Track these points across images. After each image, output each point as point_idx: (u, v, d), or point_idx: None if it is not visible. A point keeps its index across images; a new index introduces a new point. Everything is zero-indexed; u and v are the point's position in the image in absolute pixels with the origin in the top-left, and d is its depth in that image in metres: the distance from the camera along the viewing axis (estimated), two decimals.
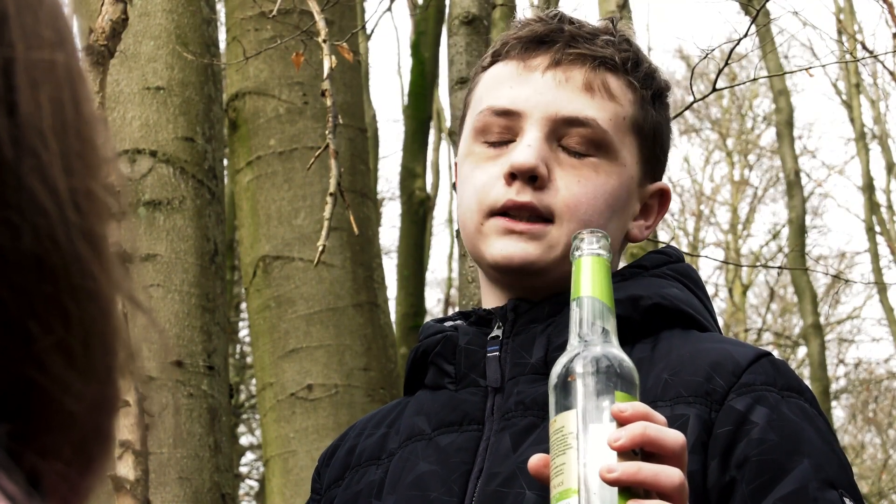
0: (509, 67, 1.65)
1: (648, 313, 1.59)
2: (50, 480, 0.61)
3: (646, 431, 1.26)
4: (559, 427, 1.30)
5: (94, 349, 0.62)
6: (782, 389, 1.51)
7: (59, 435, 0.61)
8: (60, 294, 0.60)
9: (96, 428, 0.63)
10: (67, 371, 0.60)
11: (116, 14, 2.37)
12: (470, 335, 1.63)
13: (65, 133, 0.61)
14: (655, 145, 1.68)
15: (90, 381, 0.61)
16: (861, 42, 9.54)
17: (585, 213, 1.59)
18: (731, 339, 1.61)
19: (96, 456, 0.63)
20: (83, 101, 0.63)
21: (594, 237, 1.37)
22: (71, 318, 0.60)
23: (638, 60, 1.67)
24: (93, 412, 0.62)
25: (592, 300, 1.35)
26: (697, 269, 12.45)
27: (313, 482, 1.75)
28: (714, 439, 1.48)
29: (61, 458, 0.61)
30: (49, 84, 0.61)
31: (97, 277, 0.61)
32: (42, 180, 0.59)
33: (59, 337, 0.60)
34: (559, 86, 1.62)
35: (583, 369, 1.31)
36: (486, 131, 1.64)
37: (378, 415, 1.74)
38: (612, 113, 1.62)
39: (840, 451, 1.52)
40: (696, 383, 1.51)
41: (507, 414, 1.57)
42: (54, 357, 0.60)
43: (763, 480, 1.45)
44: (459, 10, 3.68)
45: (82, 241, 0.61)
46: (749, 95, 18.87)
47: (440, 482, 1.56)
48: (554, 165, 1.60)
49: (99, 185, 0.62)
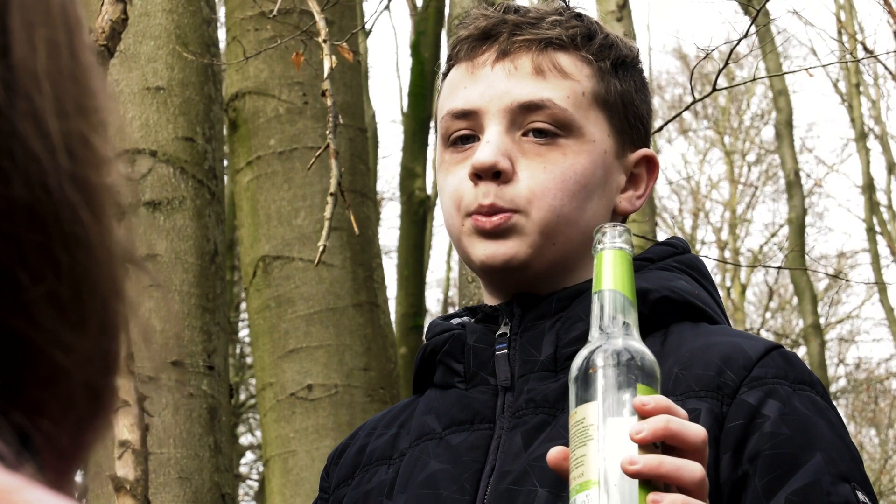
0: (461, 69, 1.65)
1: (657, 307, 1.58)
2: (40, 439, 0.59)
3: (668, 425, 1.25)
4: (580, 419, 1.29)
5: (87, 301, 0.60)
6: (794, 382, 1.51)
7: (46, 390, 0.59)
8: (52, 243, 0.58)
9: (87, 384, 0.60)
10: (58, 323, 0.58)
11: (116, 14, 2.37)
12: (478, 333, 1.63)
13: (60, 77, 0.59)
14: (628, 113, 1.65)
15: (82, 335, 0.59)
16: (861, 42, 9.54)
17: (555, 198, 1.58)
18: (741, 332, 1.60)
19: (87, 415, 0.61)
20: (79, 46, 0.61)
21: (616, 231, 1.37)
22: (62, 268, 0.58)
23: (590, 34, 1.65)
24: (84, 367, 0.60)
25: (614, 293, 1.35)
26: None
27: (321, 481, 1.75)
28: (726, 433, 1.47)
29: (49, 415, 0.59)
30: (44, 26, 0.59)
31: (89, 226, 0.59)
32: (35, 125, 0.57)
33: (50, 287, 0.58)
34: (509, 75, 1.60)
35: (604, 362, 1.31)
36: (450, 136, 1.63)
37: (389, 414, 1.74)
38: (568, 90, 1.60)
39: (852, 444, 1.51)
40: (707, 377, 1.50)
41: (518, 412, 1.56)
42: (44, 308, 0.58)
43: (776, 474, 1.44)
44: (459, 10, 3.68)
45: (75, 188, 0.58)
46: (748, 95, 18.87)
47: (452, 481, 1.55)
48: (518, 156, 1.59)
49: (94, 132, 0.60)
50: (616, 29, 8.19)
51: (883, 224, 15.51)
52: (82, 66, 0.61)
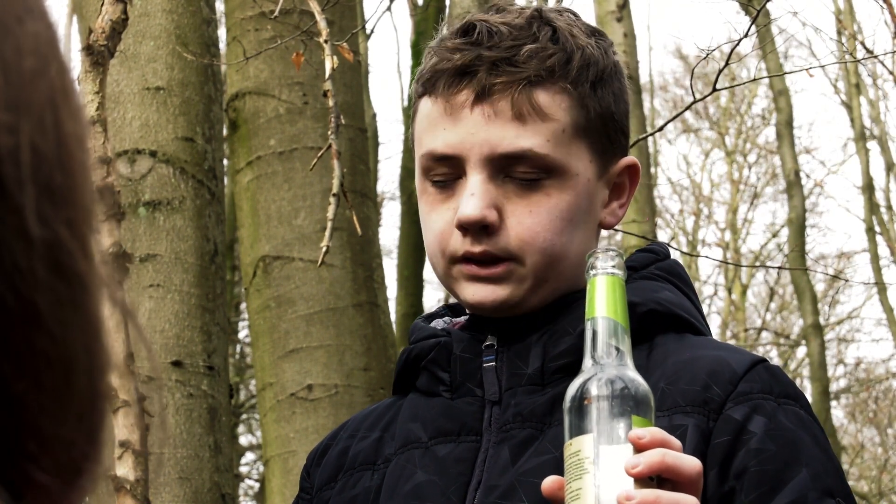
0: (438, 106, 1.61)
1: (643, 320, 1.58)
2: (33, 493, 0.59)
3: (664, 459, 1.26)
4: (575, 451, 1.29)
5: (70, 393, 0.60)
6: (779, 397, 1.52)
7: (39, 448, 0.60)
8: (36, 337, 0.58)
9: (70, 464, 0.61)
10: (41, 412, 0.59)
11: (116, 14, 2.37)
12: (464, 342, 1.62)
13: (43, 170, 0.58)
14: (608, 131, 1.63)
15: (64, 422, 0.60)
16: (861, 42, 9.54)
17: (544, 240, 1.57)
18: (725, 345, 1.61)
19: (70, 481, 0.62)
20: (65, 128, 0.60)
21: (608, 256, 1.37)
22: (50, 360, 0.59)
23: (567, 58, 1.61)
24: (66, 450, 0.61)
25: (607, 320, 1.35)
26: (697, 268, 12.45)
27: (302, 480, 1.74)
28: (712, 449, 1.48)
29: (44, 469, 0.60)
30: (28, 118, 0.58)
31: (74, 321, 0.60)
32: (17, 227, 0.57)
33: (34, 378, 0.58)
34: (489, 121, 1.58)
35: (598, 392, 1.30)
36: (431, 173, 1.62)
37: (371, 416, 1.73)
38: (548, 133, 1.58)
39: (835, 458, 1.52)
40: (692, 392, 1.51)
41: (506, 426, 1.56)
42: (29, 397, 0.58)
43: (762, 491, 1.45)
44: (459, 11, 3.68)
45: (57, 278, 0.59)
46: (750, 95, 18.86)
47: (439, 493, 1.55)
48: (503, 202, 1.58)
49: (78, 217, 0.60)
50: (616, 29, 8.18)
51: (882, 224, 15.51)
52: (67, 150, 0.60)
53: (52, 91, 0.60)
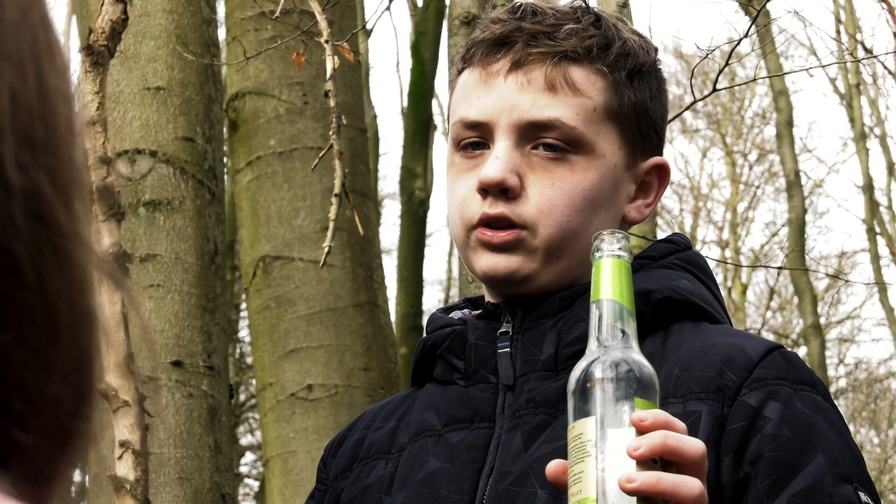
0: (475, 74, 1.63)
1: (659, 307, 1.58)
2: (18, 458, 0.59)
3: (666, 441, 1.25)
4: (578, 434, 1.29)
5: (58, 343, 0.60)
6: (795, 383, 1.50)
7: (24, 405, 0.59)
8: (20, 291, 0.58)
9: (57, 423, 0.60)
10: (26, 367, 0.58)
11: (116, 14, 2.37)
12: (479, 330, 1.62)
13: (22, 121, 0.58)
14: (641, 124, 1.64)
15: (49, 378, 0.60)
16: (861, 42, 9.55)
17: (562, 214, 1.57)
18: (741, 332, 1.60)
19: (60, 444, 0.61)
20: (49, 80, 0.60)
21: (614, 238, 1.36)
22: (33, 313, 0.58)
23: (607, 43, 1.63)
24: (53, 407, 0.60)
25: (612, 303, 1.34)
26: None
27: (318, 472, 1.74)
28: (727, 436, 1.47)
29: (30, 429, 0.59)
30: (8, 65, 0.58)
31: (57, 274, 0.59)
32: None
33: (19, 332, 0.58)
34: (521, 89, 1.59)
35: (602, 374, 1.30)
36: (461, 142, 1.63)
37: (387, 407, 1.73)
38: (579, 108, 1.59)
39: (853, 444, 1.51)
40: (707, 379, 1.50)
41: (519, 412, 1.56)
42: (14, 352, 0.58)
43: (777, 476, 1.44)
44: (459, 11, 3.68)
45: (41, 231, 0.58)
46: (750, 95, 18.87)
47: (451, 480, 1.55)
48: (526, 171, 1.58)
49: (60, 168, 0.60)
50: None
51: (882, 224, 15.51)
52: (50, 104, 0.60)
53: (34, 44, 0.60)
